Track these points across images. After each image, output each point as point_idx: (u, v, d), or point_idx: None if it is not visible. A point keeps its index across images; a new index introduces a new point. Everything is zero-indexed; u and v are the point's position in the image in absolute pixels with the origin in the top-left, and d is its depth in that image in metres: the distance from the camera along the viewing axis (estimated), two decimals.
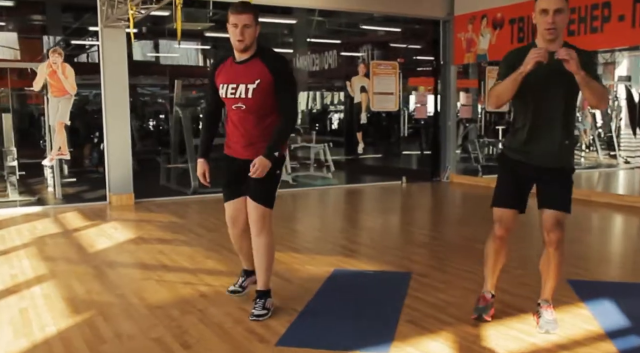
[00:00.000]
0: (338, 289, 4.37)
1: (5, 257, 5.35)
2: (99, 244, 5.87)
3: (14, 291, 4.33)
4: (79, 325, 3.60)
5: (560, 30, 3.18)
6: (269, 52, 3.63)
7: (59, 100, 8.27)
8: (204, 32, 16.50)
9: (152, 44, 21.16)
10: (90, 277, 4.69)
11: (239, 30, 3.43)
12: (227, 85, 3.55)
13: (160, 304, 3.97)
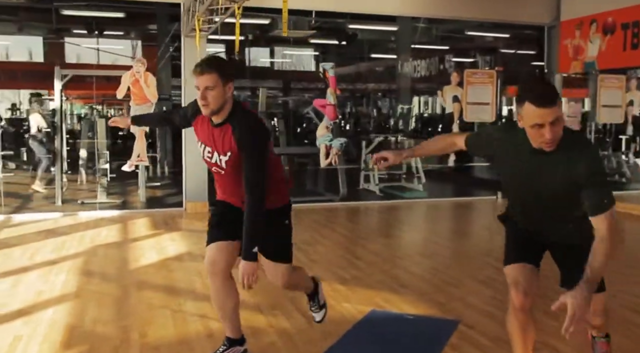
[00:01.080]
0: (364, 336, 3.65)
1: (47, 269, 5.10)
2: (144, 259, 5.52)
3: (26, 313, 3.99)
4: None
5: (560, 136, 2.39)
6: (241, 119, 2.89)
7: (140, 107, 8.10)
8: (309, 39, 16.19)
9: (267, 50, 21.26)
10: (111, 300, 4.29)
11: (200, 93, 2.80)
12: (204, 146, 2.99)
13: (156, 344, 3.45)
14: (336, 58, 19.68)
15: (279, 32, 14.17)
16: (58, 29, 15.03)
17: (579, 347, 3.27)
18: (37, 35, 16.58)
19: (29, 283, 4.70)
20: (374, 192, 9.86)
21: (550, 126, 2.32)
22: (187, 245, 6.10)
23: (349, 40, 14.63)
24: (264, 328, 3.71)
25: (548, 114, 2.30)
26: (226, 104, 2.85)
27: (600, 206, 2.38)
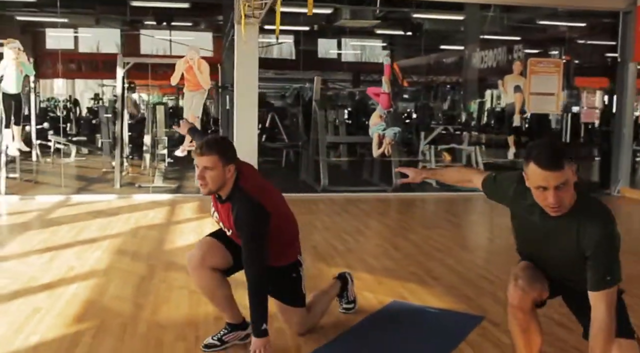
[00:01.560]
0: (377, 326, 3.45)
1: (85, 247, 5.18)
2: (180, 241, 5.52)
3: (51, 286, 4.04)
4: (60, 341, 3.13)
5: (570, 201, 2.24)
6: (240, 204, 2.86)
7: (193, 94, 8.15)
8: (375, 29, 15.90)
9: (335, 41, 21.10)
10: (135, 278, 4.28)
11: (198, 173, 2.80)
12: (215, 213, 3.08)
13: (164, 323, 3.40)
14: (402, 49, 19.30)
15: (343, 22, 14.04)
16: (132, 20, 15.43)
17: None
18: (113, 27, 17.08)
19: (64, 260, 4.78)
20: (431, 183, 9.56)
21: (555, 190, 2.15)
22: None
23: (414, 31, 14.24)
24: (274, 313, 3.57)
25: (553, 177, 2.14)
26: (225, 185, 2.86)
27: (601, 282, 2.19)
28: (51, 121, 13.53)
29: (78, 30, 19.03)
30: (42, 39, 17.64)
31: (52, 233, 5.77)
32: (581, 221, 2.22)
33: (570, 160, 2.18)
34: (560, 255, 2.33)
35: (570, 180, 2.17)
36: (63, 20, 15.87)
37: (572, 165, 2.18)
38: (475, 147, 10.02)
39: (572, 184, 2.19)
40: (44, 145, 10.69)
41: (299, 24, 16.85)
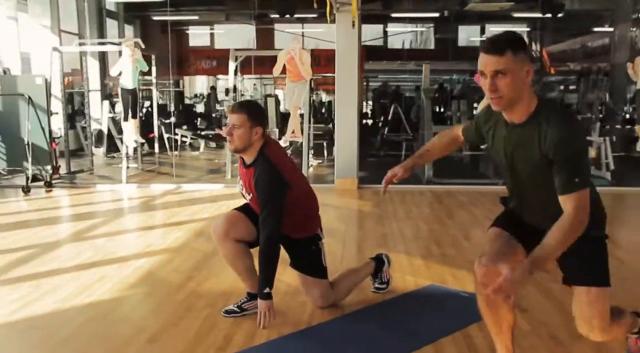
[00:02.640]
0: (402, 305, 3.70)
1: (170, 229, 5.90)
2: None
3: (124, 259, 4.75)
4: (110, 301, 3.77)
5: (512, 95, 2.21)
6: (262, 168, 3.25)
7: (295, 85, 8.74)
8: (512, 13, 15.55)
9: (478, 28, 20.80)
10: (199, 256, 4.87)
11: (228, 129, 3.21)
12: (240, 182, 3.46)
13: (202, 293, 3.92)
14: (548, 33, 18.56)
15: (473, 5, 13.92)
16: (259, 14, 16.48)
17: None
18: (243, 22, 18.30)
19: (148, 238, 5.53)
20: None
21: (492, 78, 2.18)
22: None
23: (554, 12, 13.71)
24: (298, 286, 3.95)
25: (491, 61, 2.17)
26: (251, 146, 3.25)
27: (568, 184, 2.20)
28: (182, 115, 14.95)
29: (214, 27, 20.62)
30: (180, 37, 19.35)
31: (148, 217, 6.61)
32: (542, 125, 2.22)
33: (517, 51, 2.16)
34: (529, 167, 2.35)
35: (512, 71, 2.16)
36: (194, 17, 17.41)
37: (521, 57, 2.17)
38: (605, 138, 9.52)
39: (517, 78, 2.18)
40: (175, 139, 11.89)
41: (429, 11, 16.93)
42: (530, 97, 2.26)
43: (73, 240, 5.50)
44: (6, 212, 7.10)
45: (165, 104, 16.20)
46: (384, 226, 6.01)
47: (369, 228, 6.04)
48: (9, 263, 4.64)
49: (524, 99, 2.24)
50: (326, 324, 3.40)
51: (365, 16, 18.44)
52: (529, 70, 2.21)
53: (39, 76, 8.65)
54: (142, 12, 16.92)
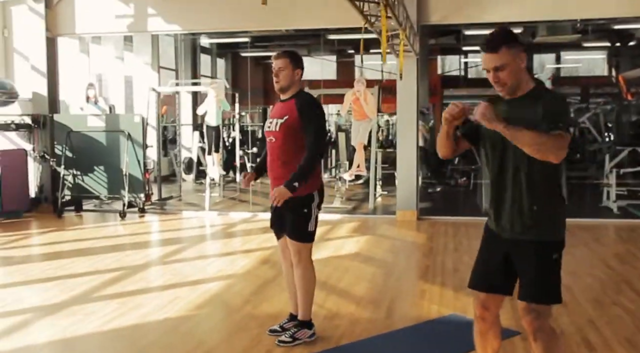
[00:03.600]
0: (417, 333, 4.29)
1: (240, 255, 6.73)
2: (318, 255, 6.67)
3: (196, 283, 5.57)
4: (179, 319, 4.58)
5: (513, 83, 2.70)
6: (303, 95, 3.98)
7: (360, 123, 9.44)
8: (581, 43, 15.61)
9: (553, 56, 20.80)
10: (261, 281, 5.62)
11: (274, 72, 3.90)
12: (269, 120, 4.03)
13: (257, 315, 4.65)
14: (626, 59, 18.35)
15: (542, 38, 14.16)
16: (339, 49, 17.32)
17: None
18: (324, 56, 19.23)
19: (219, 264, 6.35)
20: (611, 209, 9.49)
21: (494, 72, 2.66)
22: (364, 248, 7.15)
23: (624, 42, 13.75)
24: (344, 315, 4.60)
25: (490, 59, 2.65)
26: (293, 85, 3.92)
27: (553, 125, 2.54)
28: (264, 145, 15.90)
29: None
30: (267, 70, 20.48)
31: (223, 244, 7.48)
32: (536, 98, 2.66)
33: (510, 46, 2.62)
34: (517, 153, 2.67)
35: (508, 64, 2.62)
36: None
37: (514, 50, 2.63)
38: None
39: (515, 68, 2.64)
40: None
41: None
42: (527, 78, 2.74)
43: (157, 264, 6.41)
44: (105, 235, 8.17)
45: (253, 131, 17.28)
46: (429, 258, 6.57)
47: (416, 260, 6.62)
48: (104, 282, 5.57)
49: (523, 81, 2.73)
50: (352, 344, 4.04)
51: (443, 48, 19.02)
52: (523, 58, 2.68)
53: (137, 115, 9.79)
54: (232, 49, 18.21)
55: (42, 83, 9.73)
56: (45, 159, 9.61)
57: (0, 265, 6.54)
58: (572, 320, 4.46)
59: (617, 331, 4.23)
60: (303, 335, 4.03)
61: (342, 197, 10.61)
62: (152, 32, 11.41)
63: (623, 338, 4.08)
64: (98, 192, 9.70)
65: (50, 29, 9.76)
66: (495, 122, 2.58)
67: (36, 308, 4.80)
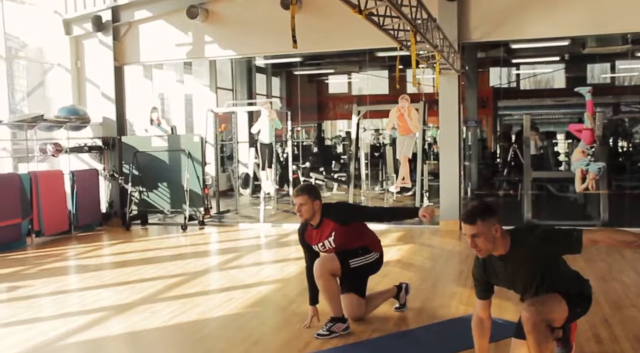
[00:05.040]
0: (443, 328, 4.81)
1: (289, 263, 7.37)
2: None
3: (248, 286, 6.25)
4: (234, 316, 5.25)
5: (488, 247, 3.31)
6: (327, 210, 4.72)
7: (404, 138, 9.99)
8: (633, 53, 15.63)
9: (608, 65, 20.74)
10: (305, 285, 6.22)
11: (297, 207, 4.66)
12: (317, 245, 4.80)
13: (302, 313, 5.26)
14: None
15: (590, 49, 14.37)
16: (389, 65, 17.90)
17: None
18: (375, 72, 19.87)
19: (269, 270, 7.03)
20: None
21: (472, 238, 3.28)
22: (405, 256, 7.68)
23: None
24: (377, 313, 5.14)
25: (468, 228, 3.29)
26: (316, 213, 4.67)
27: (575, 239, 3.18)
28: (318, 159, 16.62)
29: (351, 75, 22.34)
30: (320, 86, 21.28)
31: (274, 253, 8.16)
32: (521, 248, 3.27)
33: (484, 219, 3.25)
34: (530, 276, 3.35)
35: (483, 232, 3.24)
36: (330, 70, 19.30)
37: (488, 222, 3.25)
38: None
39: (488, 236, 3.25)
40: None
41: (552, 55, 17.44)
42: (503, 240, 3.31)
43: (214, 270, 7.14)
44: (168, 245, 8.99)
45: (308, 146, 18.02)
46: (463, 264, 7.03)
47: (451, 266, 7.11)
48: (168, 286, 6.31)
49: (499, 244, 3.31)
50: (382, 337, 4.60)
51: (494, 61, 19.30)
52: (497, 228, 3.28)
53: (197, 135, 10.64)
54: (286, 68, 19.05)
55: (111, 108, 10.75)
56: (114, 177, 10.59)
57: (78, 271, 7.42)
58: (587, 319, 4.86)
59: (628, 329, 4.64)
60: (338, 328, 4.63)
61: None
62: (210, 58, 12.28)
63: (632, 335, 4.49)
64: (162, 207, 10.58)
65: (118, 59, 10.79)
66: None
67: (111, 307, 5.57)
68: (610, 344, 4.33)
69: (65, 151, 9.85)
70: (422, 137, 10.71)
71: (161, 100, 13.83)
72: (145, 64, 11.88)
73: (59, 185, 9.62)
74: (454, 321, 4.98)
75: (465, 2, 9.51)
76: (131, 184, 10.39)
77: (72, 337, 4.79)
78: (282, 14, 9.67)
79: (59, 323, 5.11)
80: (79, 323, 5.11)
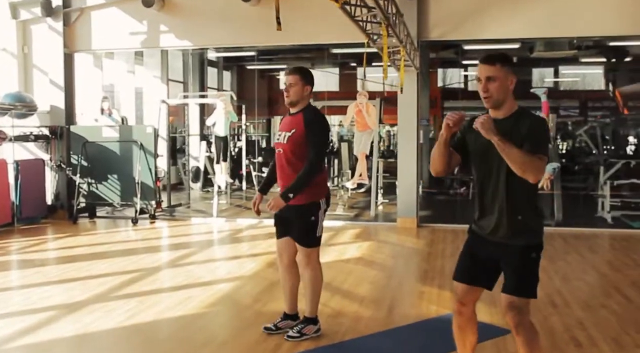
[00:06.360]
0: (417, 330, 4.53)
1: (248, 259, 6.97)
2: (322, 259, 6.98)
3: (207, 284, 5.82)
4: (193, 316, 4.83)
5: (499, 97, 2.95)
6: (311, 109, 4.17)
7: (362, 134, 9.71)
8: (578, 58, 15.89)
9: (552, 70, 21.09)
10: (267, 283, 5.85)
11: (285, 87, 4.11)
12: (278, 132, 4.23)
13: (265, 311, 4.89)
14: (624, 75, 18.62)
15: (538, 53, 14.45)
16: (341, 63, 17.66)
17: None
18: (327, 69, 19.60)
19: (228, 267, 6.62)
20: (605, 219, 9.70)
21: (486, 81, 2.90)
22: (366, 253, 7.38)
23: (619, 58, 14.04)
24: (347, 314, 4.84)
25: (484, 69, 2.91)
26: (302, 100, 4.10)
27: (537, 149, 2.81)
28: (269, 154, 16.19)
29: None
30: (271, 82, 20.84)
31: (231, 248, 7.74)
32: (519, 119, 2.92)
33: (504, 64, 2.90)
34: (494, 153, 2.87)
35: (499, 77, 2.88)
36: (282, 66, 18.91)
37: (507, 69, 2.90)
38: None
39: (503, 84, 2.89)
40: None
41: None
42: (512, 101, 2.97)
43: (170, 267, 6.66)
44: (119, 240, 8.43)
45: (258, 140, 17.55)
46: (428, 262, 6.81)
47: (415, 264, 6.87)
48: (122, 283, 5.82)
49: (507, 102, 2.95)
50: (355, 340, 4.28)
51: (443, 62, 19.31)
52: (513, 80, 2.93)
53: (150, 126, 10.05)
54: (238, 62, 18.52)
55: (60, 96, 10.05)
56: (61, 168, 9.90)
57: (21, 267, 6.82)
58: (562, 321, 4.69)
59: (604, 331, 4.45)
60: (309, 330, 4.27)
61: (344, 205, 10.85)
62: (165, 48, 11.69)
63: (609, 338, 4.30)
64: (111, 200, 9.96)
65: (68, 46, 10.10)
66: (492, 133, 2.82)
67: (61, 306, 5.05)
68: (590, 348, 4.13)
69: (10, 139, 9.12)
70: (378, 134, 10.44)
71: (110, 91, 13.12)
72: (97, 52, 11.19)
73: (2, 175, 8.90)
74: (429, 322, 4.71)
75: (425, 1, 9.31)
76: (79, 175, 9.73)
77: (17, 340, 4.27)
78: (240, 6, 9.30)
79: (1, 324, 4.58)
80: (25, 324, 4.58)
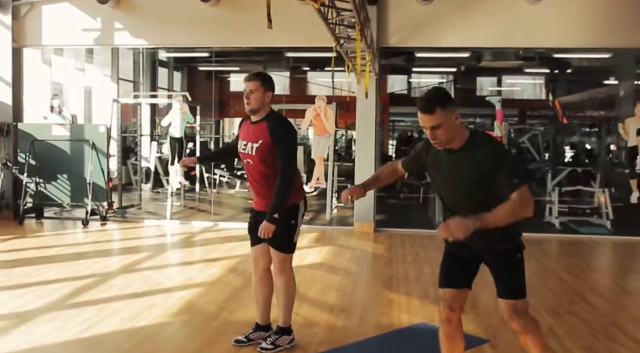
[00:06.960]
0: (392, 340, 4.35)
1: (207, 264, 6.65)
2: None
3: (169, 290, 5.49)
4: (157, 326, 4.51)
5: (448, 137, 2.82)
6: (275, 117, 3.87)
7: (320, 138, 9.52)
8: (522, 68, 16.25)
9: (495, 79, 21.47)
10: (230, 289, 5.58)
11: (246, 94, 3.80)
12: (242, 141, 3.92)
13: (234, 321, 4.62)
14: (562, 85, 19.15)
15: (486, 63, 14.63)
16: (293, 66, 17.46)
17: None
18: (278, 72, 19.36)
19: (188, 272, 6.28)
20: (553, 224, 9.81)
21: (432, 130, 2.79)
22: (327, 258, 7.19)
23: (561, 69, 14.39)
24: (319, 323, 4.62)
25: (427, 120, 2.77)
26: (264, 107, 3.80)
27: (512, 186, 2.68)
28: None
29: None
30: (222, 83, 20.41)
31: (188, 252, 7.40)
32: (475, 148, 2.81)
33: (444, 107, 2.74)
34: (467, 181, 2.83)
35: (443, 123, 2.75)
36: (235, 68, 18.55)
37: (448, 110, 2.75)
38: (604, 189, 10.02)
39: (449, 125, 2.77)
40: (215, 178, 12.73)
41: (449, 66, 17.74)
42: (462, 131, 2.85)
43: (126, 271, 6.27)
44: (69, 242, 7.96)
45: (206, 141, 17.10)
46: (391, 268, 6.66)
47: (378, 269, 6.70)
48: (76, 289, 5.42)
49: (457, 135, 2.84)
50: (332, 351, 4.07)
51: (392, 68, 19.36)
52: (456, 116, 2.80)
53: (102, 125, 9.57)
54: (190, 63, 18.03)
55: (7, 92, 9.44)
56: (7, 166, 9.30)
57: None
58: None
59: (576, 339, 4.39)
60: (283, 341, 4.03)
61: None
62: (119, 46, 11.19)
63: (582, 346, 4.24)
64: (60, 200, 9.44)
65: (17, 40, 9.53)
66: (472, 226, 2.59)
67: (11, 315, 4.63)
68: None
69: None
70: (334, 138, 10.26)
71: (59, 89, 12.47)
72: (47, 47, 10.58)
73: None
74: (404, 331, 4.54)
75: (384, 8, 9.21)
76: (27, 174, 9.15)
77: None
78: (198, 7, 9.00)
79: None
80: None
